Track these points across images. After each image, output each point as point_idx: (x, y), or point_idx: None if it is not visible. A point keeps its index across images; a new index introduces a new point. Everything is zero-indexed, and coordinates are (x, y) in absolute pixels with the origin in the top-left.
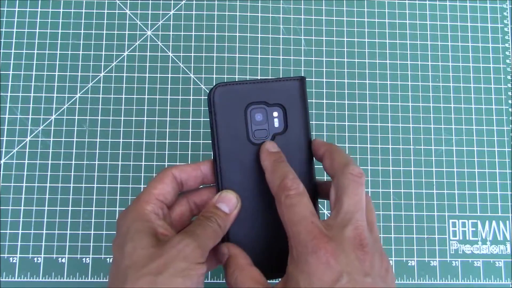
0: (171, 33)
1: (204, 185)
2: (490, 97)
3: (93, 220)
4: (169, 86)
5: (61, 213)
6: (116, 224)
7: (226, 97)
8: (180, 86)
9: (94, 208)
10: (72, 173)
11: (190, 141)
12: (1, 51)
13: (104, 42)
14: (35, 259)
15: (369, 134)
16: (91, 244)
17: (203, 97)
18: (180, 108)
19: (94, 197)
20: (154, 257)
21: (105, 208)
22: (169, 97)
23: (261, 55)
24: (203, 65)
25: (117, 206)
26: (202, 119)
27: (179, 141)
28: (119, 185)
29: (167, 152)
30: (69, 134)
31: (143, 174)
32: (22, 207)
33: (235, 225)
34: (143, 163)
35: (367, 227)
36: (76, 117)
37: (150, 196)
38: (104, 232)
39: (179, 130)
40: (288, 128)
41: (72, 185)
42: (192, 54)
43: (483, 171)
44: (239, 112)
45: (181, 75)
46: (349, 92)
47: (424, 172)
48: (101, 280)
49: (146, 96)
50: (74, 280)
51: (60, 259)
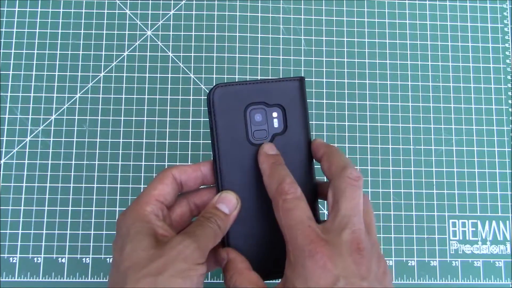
0: (171, 33)
1: (204, 186)
2: (490, 97)
3: (93, 220)
4: (169, 86)
5: (61, 213)
6: (116, 225)
7: (226, 98)
8: (180, 86)
9: (94, 208)
10: (72, 173)
11: (190, 141)
12: (1, 51)
13: (104, 42)
14: (35, 259)
15: (369, 134)
16: (91, 244)
17: (203, 97)
18: (180, 108)
19: (94, 197)
20: (154, 258)
21: (105, 208)
22: (169, 97)
23: (261, 55)
24: (203, 65)
25: (117, 206)
26: (202, 119)
27: (179, 141)
28: (119, 185)
29: (167, 152)
30: (69, 134)
31: (143, 174)
32: (22, 207)
33: (235, 225)
34: (143, 163)
35: (364, 230)
36: (76, 117)
37: (150, 197)
38: (104, 232)
39: (179, 130)
40: (288, 128)
41: (72, 185)
42: (192, 54)
43: (483, 171)
44: (238, 113)
45: (181, 75)
46: (349, 92)
47: (424, 172)
48: (101, 280)
49: (146, 96)
50: (74, 280)
51: (60, 259)
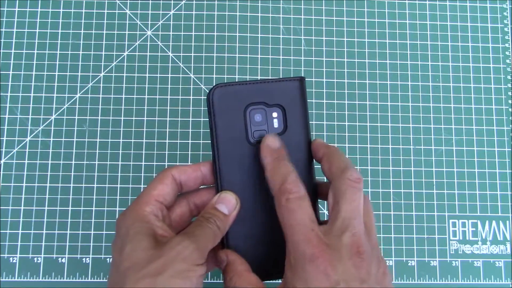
0: (171, 33)
1: (204, 186)
2: (490, 97)
3: (93, 220)
4: (169, 86)
5: (61, 213)
6: (115, 225)
7: (225, 98)
8: (180, 86)
9: (94, 208)
10: (72, 173)
11: (190, 141)
12: (1, 51)
13: (104, 42)
14: (35, 259)
15: (369, 134)
16: (91, 244)
17: (203, 97)
18: (180, 108)
19: (94, 197)
20: (153, 258)
21: (105, 208)
22: (169, 97)
23: (261, 55)
24: (203, 65)
25: (117, 206)
26: (202, 119)
27: (179, 141)
28: (119, 185)
29: (167, 152)
30: (69, 134)
31: (143, 174)
32: (22, 207)
33: (234, 226)
34: (143, 163)
35: (364, 233)
36: (76, 117)
37: (149, 197)
38: (104, 232)
39: (179, 130)
40: (288, 128)
41: (72, 185)
42: (192, 54)
43: (483, 171)
44: (238, 113)
45: (181, 75)
46: (349, 92)
47: (424, 172)
48: (101, 280)
49: (146, 96)
50: (74, 280)
51: (60, 259)
